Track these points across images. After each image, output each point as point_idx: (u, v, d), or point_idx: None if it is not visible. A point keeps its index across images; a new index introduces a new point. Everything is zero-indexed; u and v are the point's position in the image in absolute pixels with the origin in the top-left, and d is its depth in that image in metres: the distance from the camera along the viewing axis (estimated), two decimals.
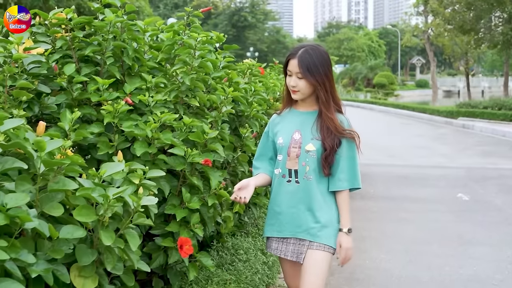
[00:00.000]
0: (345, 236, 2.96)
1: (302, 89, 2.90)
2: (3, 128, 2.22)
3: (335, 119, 2.91)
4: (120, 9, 3.61)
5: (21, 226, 2.15)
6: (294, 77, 2.90)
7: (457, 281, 5.08)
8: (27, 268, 2.17)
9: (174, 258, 3.16)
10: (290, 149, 2.95)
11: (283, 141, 2.98)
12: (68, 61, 3.49)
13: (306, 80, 2.86)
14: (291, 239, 2.98)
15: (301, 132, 2.97)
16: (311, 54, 2.87)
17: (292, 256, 2.98)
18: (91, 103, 3.43)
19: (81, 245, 2.45)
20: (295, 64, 2.87)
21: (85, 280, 2.44)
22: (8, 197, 2.12)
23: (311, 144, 2.92)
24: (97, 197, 2.39)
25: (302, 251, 2.94)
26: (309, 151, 2.91)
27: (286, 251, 3.00)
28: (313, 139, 2.92)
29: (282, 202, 2.99)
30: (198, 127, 3.32)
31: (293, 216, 2.95)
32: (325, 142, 2.89)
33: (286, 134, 3.00)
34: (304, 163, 2.92)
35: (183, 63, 3.59)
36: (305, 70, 2.84)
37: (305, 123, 2.99)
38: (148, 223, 2.66)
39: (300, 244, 2.96)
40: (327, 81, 2.90)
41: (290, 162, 2.95)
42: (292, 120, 3.04)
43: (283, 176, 2.98)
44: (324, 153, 2.90)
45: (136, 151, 3.07)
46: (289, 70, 2.93)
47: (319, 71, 2.86)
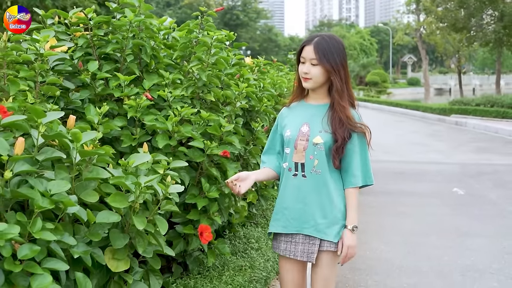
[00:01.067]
0: (349, 233, 2.81)
1: (315, 77, 2.78)
2: (45, 121, 2.38)
3: (347, 108, 2.80)
4: (138, 9, 3.77)
5: (64, 211, 2.33)
6: (307, 64, 2.78)
7: (455, 271, 5.28)
8: (69, 249, 2.34)
9: (194, 244, 3.34)
10: (297, 141, 2.84)
11: (291, 133, 2.87)
12: (89, 59, 3.66)
13: (321, 67, 2.75)
14: (299, 237, 2.85)
15: (310, 124, 2.85)
16: (327, 41, 2.77)
17: (302, 256, 2.83)
18: (112, 98, 3.60)
19: (114, 230, 2.63)
20: (310, 50, 2.76)
21: (118, 263, 2.61)
22: (51, 184, 2.29)
23: (318, 136, 2.80)
24: (129, 185, 2.56)
25: (313, 251, 2.81)
26: (317, 143, 2.79)
27: (295, 252, 2.85)
28: (322, 131, 2.80)
29: (288, 197, 2.87)
30: (215, 121, 3.50)
31: (299, 212, 2.83)
32: (336, 133, 2.77)
33: (294, 127, 2.88)
34: (312, 157, 2.80)
35: (199, 60, 3.76)
36: (321, 56, 2.73)
37: (315, 116, 2.87)
38: (174, 209, 2.84)
39: (310, 243, 2.82)
40: (342, 70, 2.80)
41: (297, 155, 2.84)
42: (301, 113, 2.92)
43: (289, 169, 2.87)
44: (335, 145, 2.77)
45: (158, 144, 3.24)
46: (303, 57, 2.81)
47: (335, 59, 2.76)
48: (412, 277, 5.11)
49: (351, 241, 2.80)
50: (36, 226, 2.13)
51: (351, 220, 2.83)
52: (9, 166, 2.18)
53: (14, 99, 2.76)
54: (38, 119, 2.36)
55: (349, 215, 2.84)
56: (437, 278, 5.08)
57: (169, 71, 3.81)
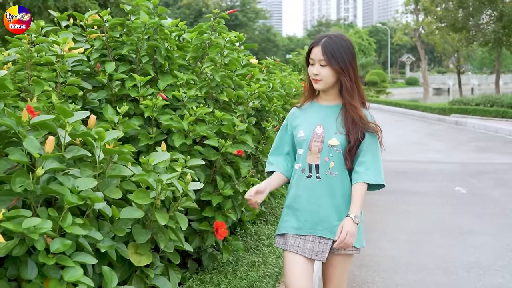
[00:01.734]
0: (350, 220, 2.69)
1: (325, 78, 2.76)
2: (71, 120, 2.47)
3: (359, 108, 2.79)
4: (152, 11, 3.86)
5: (91, 207, 2.42)
6: (317, 65, 2.77)
7: (460, 267, 5.36)
8: (96, 244, 2.43)
9: (209, 241, 3.43)
10: (311, 143, 2.81)
11: (304, 134, 2.84)
12: (105, 60, 3.74)
13: (330, 67, 2.74)
14: (310, 236, 2.81)
15: (324, 126, 2.82)
16: (335, 41, 2.75)
17: (310, 254, 2.79)
18: (127, 98, 3.68)
19: (136, 226, 2.72)
20: (319, 51, 2.75)
21: (141, 257, 2.70)
22: (78, 181, 2.38)
23: (334, 138, 2.78)
24: (151, 182, 2.65)
25: (324, 250, 2.79)
26: (333, 145, 2.77)
27: (304, 248, 2.80)
28: (337, 133, 2.79)
29: (301, 198, 2.83)
30: (229, 120, 3.59)
31: (313, 213, 2.80)
32: (350, 135, 2.76)
33: (308, 128, 2.85)
34: (327, 158, 2.78)
35: (211, 61, 3.85)
36: (329, 57, 2.72)
37: (328, 117, 2.85)
38: (193, 206, 2.93)
39: (321, 243, 2.80)
40: (351, 70, 2.77)
41: (311, 156, 2.81)
42: (314, 114, 2.89)
43: (302, 171, 2.83)
44: (348, 146, 2.76)
45: (175, 142, 3.33)
46: (311, 58, 2.80)
47: (343, 58, 2.74)
48: (418, 274, 5.20)
49: (350, 228, 2.67)
50: (66, 221, 2.22)
51: (354, 210, 2.73)
52: (39, 163, 2.26)
53: (38, 100, 2.84)
54: (66, 119, 2.44)
55: (353, 206, 2.75)
56: (442, 275, 5.16)
57: (182, 72, 3.90)
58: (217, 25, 3.97)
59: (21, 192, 2.21)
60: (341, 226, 2.69)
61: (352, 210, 2.74)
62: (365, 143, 2.81)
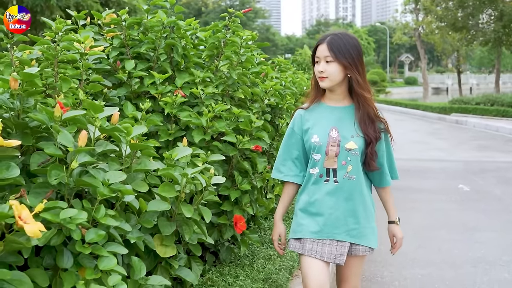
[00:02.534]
0: (398, 227, 2.97)
1: (331, 75, 2.72)
2: (101, 116, 2.55)
3: (371, 99, 2.81)
4: (169, 10, 3.94)
5: (121, 199, 2.50)
6: (322, 63, 2.73)
7: (467, 262, 5.46)
8: (125, 235, 2.52)
9: (228, 234, 3.52)
10: (328, 148, 2.75)
11: (320, 139, 2.77)
12: (123, 58, 3.83)
13: (337, 63, 2.70)
14: (327, 239, 2.79)
15: (338, 129, 2.78)
16: (340, 38, 2.72)
17: (329, 258, 2.77)
18: (146, 95, 3.77)
19: (162, 218, 2.81)
20: (324, 48, 2.72)
21: (166, 249, 2.79)
22: (108, 174, 2.47)
23: (352, 142, 2.74)
24: (177, 176, 2.74)
25: (342, 253, 2.77)
26: (351, 149, 2.74)
27: (322, 252, 2.77)
28: (354, 136, 2.76)
29: (319, 202, 2.79)
30: (245, 117, 3.67)
31: (331, 217, 2.77)
32: (368, 134, 2.75)
33: (322, 132, 2.79)
34: (345, 162, 2.74)
35: (227, 59, 3.94)
36: (336, 52, 2.68)
37: (343, 119, 2.81)
38: (216, 199, 3.01)
39: (339, 245, 2.78)
40: (359, 65, 2.75)
41: (328, 161, 2.76)
42: (326, 116, 2.83)
43: (320, 175, 2.79)
44: (369, 147, 2.75)
45: (194, 138, 3.42)
46: (317, 56, 2.76)
47: (350, 54, 2.71)
48: (426, 268, 5.29)
49: (402, 233, 2.99)
50: (100, 212, 2.31)
51: (393, 214, 3.00)
52: (73, 157, 2.35)
53: (65, 96, 2.92)
54: (96, 114, 2.53)
55: (390, 211, 3.01)
56: (449, 269, 5.26)
57: (198, 70, 3.99)
58: (232, 24, 4.05)
59: (55, 185, 2.29)
60: (392, 235, 3.00)
61: (392, 216, 3.00)
62: (381, 143, 2.84)
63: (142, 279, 2.49)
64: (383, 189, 2.97)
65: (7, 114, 2.49)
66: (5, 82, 2.53)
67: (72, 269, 2.25)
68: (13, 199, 2.02)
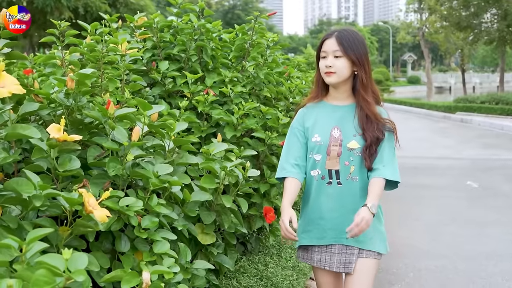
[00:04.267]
0: (366, 209, 2.51)
1: (339, 70, 2.63)
2: (149, 113, 2.77)
3: (373, 104, 2.68)
4: (199, 14, 4.16)
5: (169, 190, 2.72)
6: (330, 57, 2.64)
7: (478, 255, 5.67)
8: (173, 222, 2.73)
9: (258, 225, 3.73)
10: (329, 147, 2.67)
11: (321, 139, 2.70)
12: (155, 59, 4.04)
13: (346, 58, 2.62)
14: (335, 247, 2.70)
15: (340, 128, 2.69)
16: (349, 33, 2.66)
17: (338, 267, 2.69)
18: (177, 94, 3.98)
19: (202, 208, 3.02)
20: (333, 42, 2.64)
21: (206, 236, 3.00)
22: (157, 166, 2.68)
23: (354, 141, 2.66)
24: (217, 169, 2.95)
25: (351, 260, 2.68)
26: (353, 149, 2.65)
27: (331, 263, 2.70)
28: (356, 135, 2.67)
29: (323, 206, 2.70)
30: (273, 114, 3.88)
31: (336, 221, 2.67)
32: (366, 133, 2.63)
33: (323, 131, 2.71)
34: (348, 163, 2.65)
35: (253, 60, 4.15)
36: (346, 46, 2.61)
37: (345, 118, 2.72)
38: (250, 191, 3.22)
39: (347, 253, 2.69)
40: (366, 63, 2.67)
41: (330, 162, 2.67)
42: (328, 115, 2.75)
43: (322, 177, 2.70)
44: (364, 145, 2.63)
45: (226, 135, 3.63)
46: (324, 51, 2.67)
47: (359, 50, 2.64)
48: (439, 260, 5.50)
49: (366, 214, 2.48)
50: (153, 201, 2.52)
51: (370, 200, 2.55)
52: (127, 150, 2.56)
53: (110, 95, 3.13)
54: (144, 111, 2.74)
55: (370, 197, 2.58)
56: (462, 262, 5.47)
57: (225, 70, 4.20)
58: (258, 26, 4.26)
59: (111, 176, 2.51)
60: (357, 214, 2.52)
61: (368, 200, 2.56)
62: (383, 142, 2.67)
63: (187, 263, 2.70)
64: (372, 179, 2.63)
65: (59, 111, 2.69)
66: (60, 82, 2.73)
67: (129, 253, 2.47)
68: (76, 189, 2.24)
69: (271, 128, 3.88)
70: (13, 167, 2.43)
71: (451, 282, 4.96)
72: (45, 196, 2.01)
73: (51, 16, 20.28)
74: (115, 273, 2.07)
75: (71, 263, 1.60)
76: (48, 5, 19.37)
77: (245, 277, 3.56)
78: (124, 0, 23.92)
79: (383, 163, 2.64)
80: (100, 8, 22.54)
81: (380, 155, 2.66)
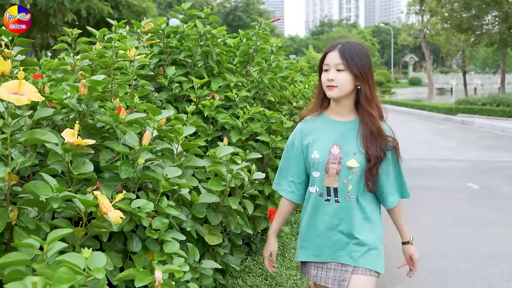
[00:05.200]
0: (412, 247, 2.84)
1: (342, 84, 2.55)
2: (158, 118, 2.86)
3: (377, 119, 2.61)
4: (204, 20, 4.26)
5: (177, 192, 2.81)
6: (332, 71, 2.56)
7: (479, 256, 5.77)
8: (182, 224, 2.83)
9: (262, 226, 3.83)
10: (328, 165, 2.61)
11: (320, 156, 2.64)
12: (162, 64, 4.15)
13: (348, 72, 2.54)
14: (331, 264, 2.68)
15: (340, 145, 2.63)
16: (352, 45, 2.59)
17: (333, 284, 2.66)
18: (183, 98, 4.08)
19: (209, 210, 3.12)
20: (336, 55, 2.57)
21: (213, 237, 3.10)
22: (166, 169, 2.77)
23: (353, 160, 2.59)
24: (224, 171, 3.05)
25: (345, 278, 2.63)
26: (352, 167, 2.58)
27: (326, 278, 2.69)
28: (356, 153, 2.60)
29: (320, 224, 2.67)
30: (277, 118, 3.98)
31: (333, 240, 2.65)
32: (369, 152, 2.57)
33: (322, 148, 2.65)
34: (346, 181, 2.59)
35: (258, 65, 4.26)
36: (349, 60, 2.53)
37: (346, 135, 2.65)
38: (256, 193, 3.32)
39: (342, 270, 2.65)
40: (370, 77, 2.60)
41: (329, 179, 2.62)
42: (328, 131, 2.68)
43: (320, 195, 2.65)
44: (367, 165, 2.58)
45: (232, 138, 3.73)
46: (326, 64, 2.61)
47: (362, 64, 2.56)
48: (441, 261, 5.59)
49: (418, 254, 2.88)
50: (163, 203, 2.62)
51: (407, 235, 2.86)
52: (138, 154, 2.66)
53: (120, 100, 3.23)
54: (154, 116, 2.84)
55: (402, 231, 2.86)
56: (463, 262, 5.56)
57: (229, 75, 4.30)
58: (262, 32, 4.36)
59: (123, 178, 2.60)
60: (409, 256, 2.89)
61: (405, 236, 2.86)
62: (387, 163, 2.65)
63: (196, 263, 2.80)
64: (390, 209, 2.80)
65: (71, 116, 2.79)
66: (73, 88, 2.83)
67: (141, 253, 2.56)
68: (90, 191, 2.34)
69: (275, 132, 3.97)
70: (28, 170, 2.53)
71: (451, 282, 5.06)
72: (61, 198, 2.11)
73: (54, 18, 20.41)
74: (128, 272, 2.17)
75: (90, 261, 1.69)
76: (51, 7, 19.47)
77: (250, 276, 3.66)
78: (126, 3, 24.01)
79: (391, 188, 2.72)
80: (103, 11, 22.64)
81: (387, 179, 2.68)
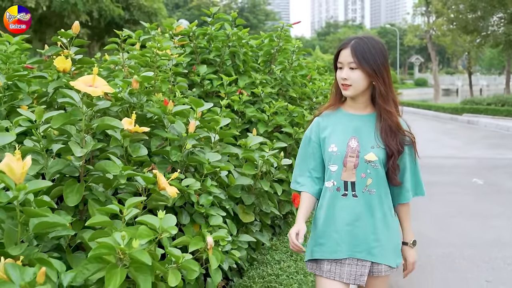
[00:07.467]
0: (411, 250, 2.71)
1: (356, 82, 2.50)
2: (200, 109, 3.27)
3: (395, 114, 2.56)
4: (231, 22, 4.67)
5: (218, 174, 3.22)
6: (346, 69, 2.51)
7: (483, 243, 6.15)
8: (222, 202, 3.22)
9: (286, 209, 4.23)
10: (346, 158, 2.55)
11: (338, 149, 2.57)
12: (193, 63, 4.55)
13: (361, 70, 2.48)
14: (346, 259, 2.58)
15: (358, 138, 2.57)
16: (365, 42, 2.50)
17: (348, 279, 2.57)
18: (213, 94, 4.49)
19: (243, 191, 3.52)
20: (348, 53, 2.50)
21: (247, 216, 3.50)
22: (208, 154, 3.18)
23: (372, 153, 2.53)
24: (256, 157, 3.46)
25: (363, 273, 2.56)
26: (371, 161, 2.53)
27: (341, 273, 2.58)
28: (374, 147, 2.55)
29: (337, 219, 2.57)
30: (299, 112, 4.39)
31: (350, 235, 2.56)
32: (390, 147, 2.53)
33: (340, 141, 2.58)
34: (364, 175, 2.54)
35: (280, 64, 4.66)
36: (360, 58, 2.46)
37: (363, 128, 2.60)
38: (283, 177, 3.72)
39: (359, 265, 2.57)
40: (385, 72, 2.52)
41: (346, 173, 2.55)
42: (345, 124, 2.62)
43: (337, 189, 2.57)
44: (391, 160, 2.55)
45: (259, 130, 4.13)
46: (340, 62, 2.56)
47: (376, 60, 2.48)
48: (447, 248, 5.98)
49: (415, 257, 2.73)
50: (207, 182, 3.02)
51: (409, 236, 2.73)
52: (185, 141, 3.06)
53: (162, 94, 3.63)
54: (196, 108, 3.24)
55: (406, 231, 2.74)
56: (468, 248, 5.95)
57: (254, 73, 4.70)
58: (284, 34, 4.77)
59: (172, 161, 3.01)
60: (405, 258, 2.71)
61: (406, 237, 2.73)
62: (404, 157, 2.62)
63: (234, 236, 3.20)
64: (401, 205, 2.73)
65: (119, 108, 3.19)
66: (124, 83, 3.23)
67: (189, 225, 2.97)
68: (146, 171, 2.74)
69: (297, 124, 4.37)
70: (89, 154, 2.93)
71: (458, 266, 5.44)
72: (126, 176, 2.51)
73: (68, 19, 20.90)
74: (182, 239, 2.56)
75: (163, 221, 2.09)
76: (65, 9, 19.97)
77: (277, 253, 4.05)
78: (137, 4, 24.49)
79: (407, 184, 2.67)
80: (114, 12, 23.12)
81: (404, 174, 2.65)
